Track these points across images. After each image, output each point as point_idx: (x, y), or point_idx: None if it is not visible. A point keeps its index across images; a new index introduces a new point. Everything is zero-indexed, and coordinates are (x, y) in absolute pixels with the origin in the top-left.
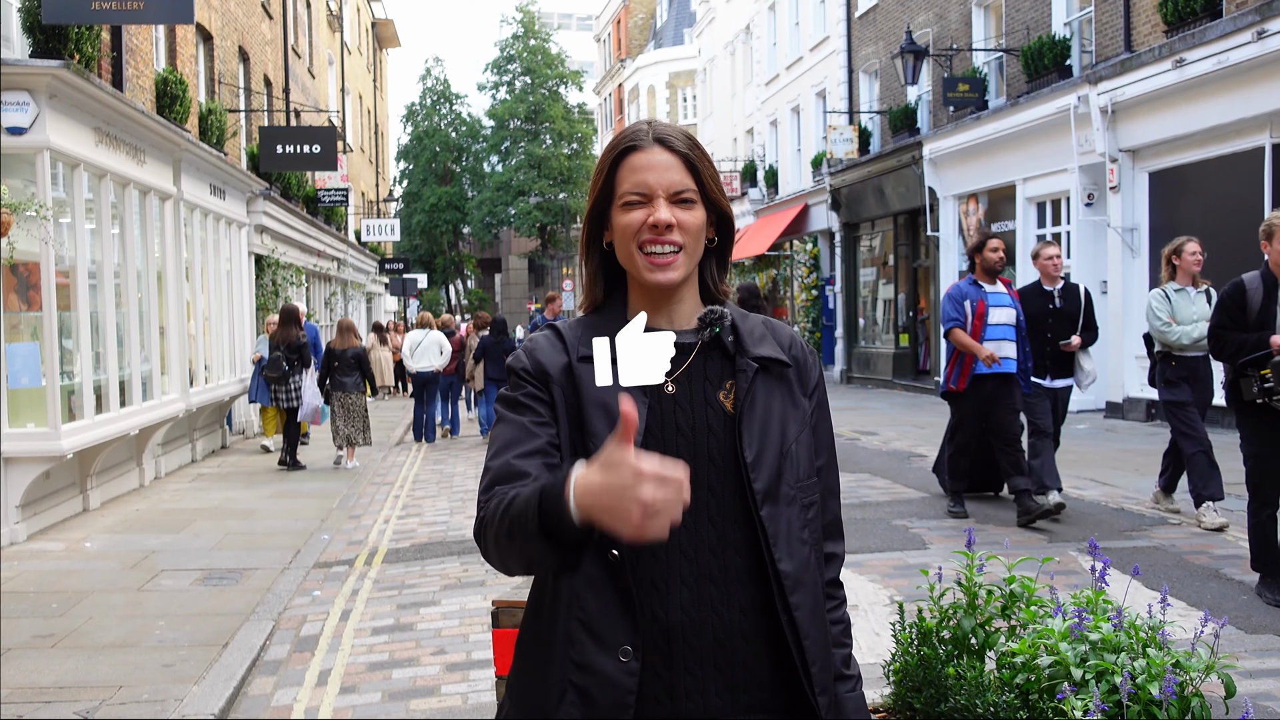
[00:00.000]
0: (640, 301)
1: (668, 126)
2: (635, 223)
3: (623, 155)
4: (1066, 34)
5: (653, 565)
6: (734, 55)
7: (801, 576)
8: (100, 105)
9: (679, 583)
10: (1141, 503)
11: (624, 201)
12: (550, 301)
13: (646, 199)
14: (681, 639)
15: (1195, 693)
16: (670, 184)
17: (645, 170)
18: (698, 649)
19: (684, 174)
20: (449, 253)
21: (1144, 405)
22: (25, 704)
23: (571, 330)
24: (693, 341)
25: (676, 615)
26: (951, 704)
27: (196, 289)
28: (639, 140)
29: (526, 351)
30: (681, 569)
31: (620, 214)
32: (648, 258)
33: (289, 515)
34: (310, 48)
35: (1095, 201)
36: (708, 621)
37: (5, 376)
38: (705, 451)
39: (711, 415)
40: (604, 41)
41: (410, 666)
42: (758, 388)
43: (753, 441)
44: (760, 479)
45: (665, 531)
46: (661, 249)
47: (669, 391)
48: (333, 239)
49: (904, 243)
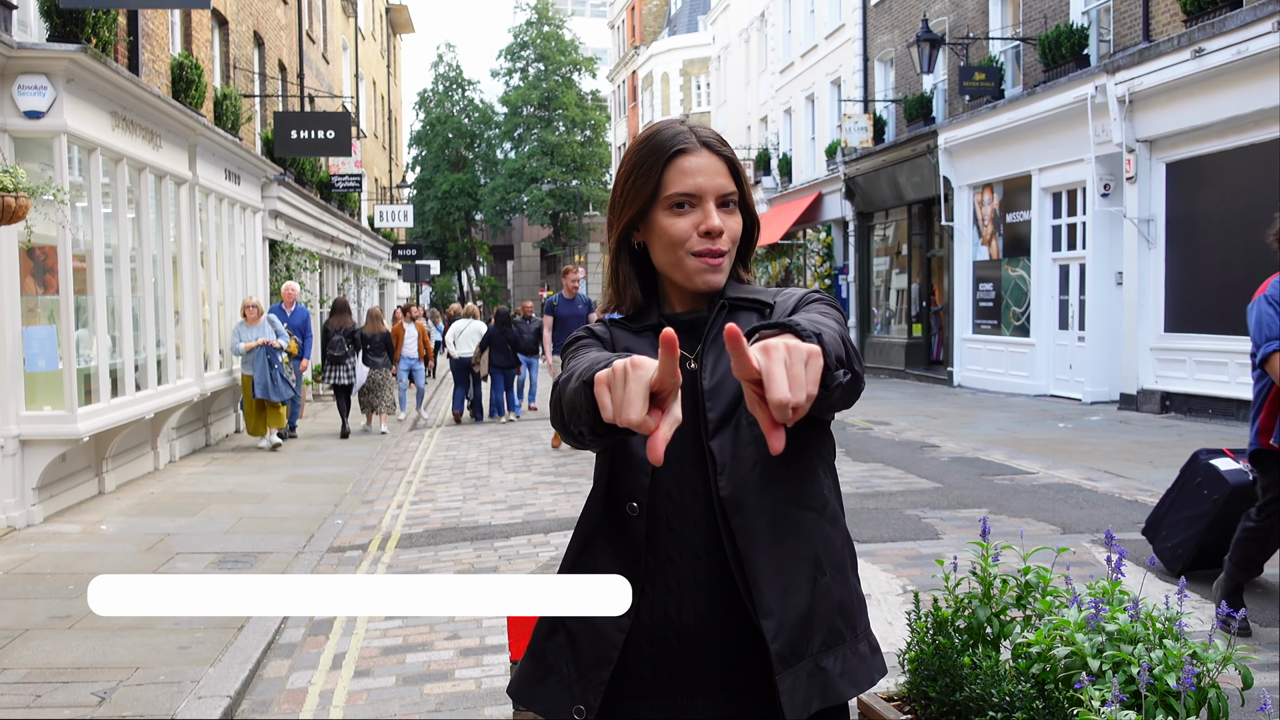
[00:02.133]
0: (676, 298)
1: (704, 129)
2: (685, 228)
3: (672, 158)
4: (1084, 23)
5: (666, 536)
6: (748, 43)
7: (739, 498)
8: (117, 90)
9: (663, 559)
10: (1155, 495)
11: (672, 204)
12: (565, 275)
13: (695, 204)
14: (664, 618)
15: (1212, 684)
16: (719, 189)
17: (696, 174)
18: (679, 627)
19: (729, 179)
20: (461, 239)
21: (1158, 397)
22: (43, 684)
23: (605, 328)
24: (707, 315)
25: (665, 597)
26: (967, 693)
27: (211, 274)
28: (687, 143)
29: (583, 329)
30: (667, 542)
31: (666, 216)
32: (700, 259)
33: (302, 500)
34: (324, 33)
35: (1111, 192)
36: (689, 595)
37: (23, 359)
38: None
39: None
40: (618, 28)
41: (424, 651)
42: (723, 322)
43: (712, 369)
44: (715, 408)
45: (638, 424)
46: (714, 256)
47: (691, 368)
48: (346, 225)
49: (918, 232)
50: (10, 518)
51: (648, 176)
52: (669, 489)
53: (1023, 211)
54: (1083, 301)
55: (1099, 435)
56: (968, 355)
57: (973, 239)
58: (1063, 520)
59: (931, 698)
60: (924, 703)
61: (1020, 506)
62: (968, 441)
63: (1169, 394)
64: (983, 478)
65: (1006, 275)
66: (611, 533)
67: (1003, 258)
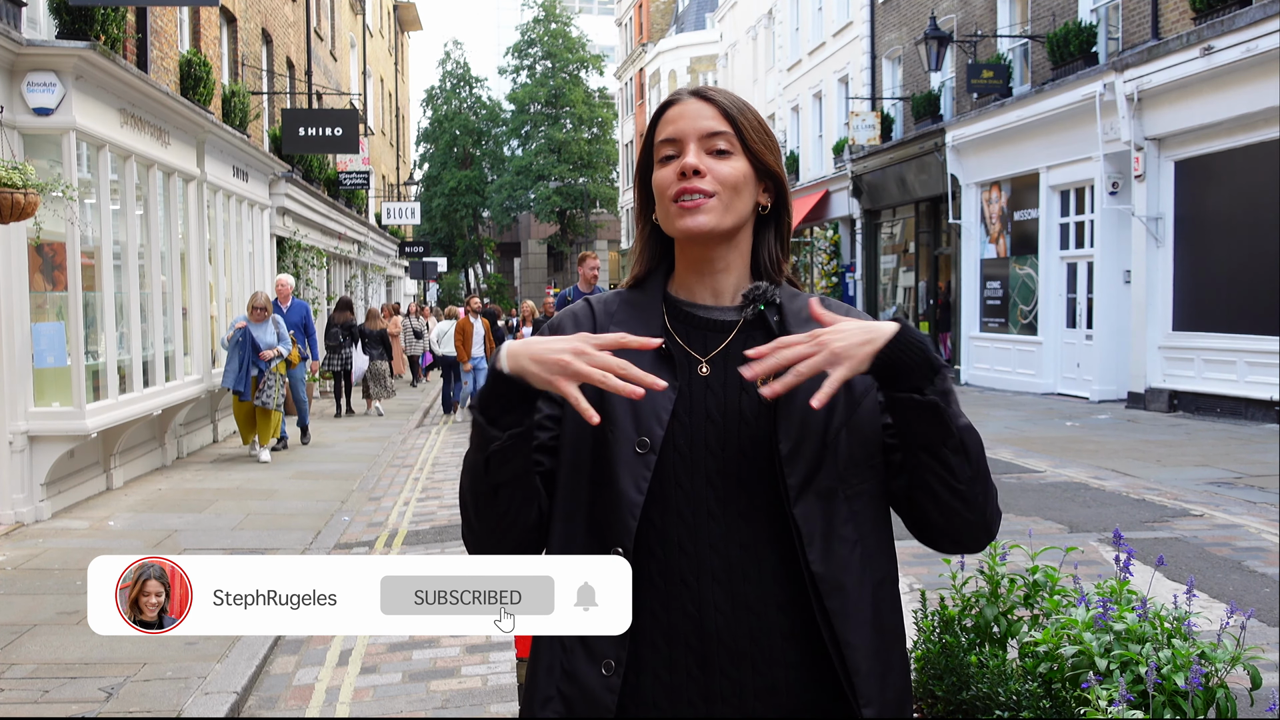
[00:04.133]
0: (685, 271)
1: (715, 88)
2: (668, 175)
3: (660, 113)
4: (1093, 20)
5: (681, 560)
6: (756, 40)
7: (840, 579)
8: (125, 87)
9: (710, 579)
10: (1163, 494)
11: (660, 156)
12: (582, 262)
13: (679, 150)
14: (716, 639)
15: (1221, 684)
16: (701, 129)
17: (678, 119)
18: (734, 650)
19: (718, 120)
20: (468, 237)
21: (1166, 396)
22: (51, 679)
23: (605, 307)
24: (734, 319)
25: (711, 614)
26: (974, 692)
27: (219, 270)
28: (677, 96)
29: (554, 322)
30: (713, 565)
31: (656, 171)
32: (678, 203)
33: (309, 496)
34: (333, 30)
35: (1120, 190)
36: (744, 621)
37: (31, 356)
38: (736, 441)
39: (746, 402)
40: (625, 26)
41: (430, 648)
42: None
43: (790, 431)
44: (795, 474)
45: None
46: (690, 196)
47: (703, 374)
48: (353, 222)
49: (925, 230)
50: (19, 513)
51: (645, 140)
52: (681, 540)
53: (1030, 209)
54: (1090, 300)
55: (1107, 434)
56: (975, 353)
57: (980, 237)
58: (1070, 519)
59: (938, 696)
60: (930, 701)
61: (1027, 505)
62: None
63: (1177, 393)
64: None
65: (1014, 273)
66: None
67: (1010, 256)
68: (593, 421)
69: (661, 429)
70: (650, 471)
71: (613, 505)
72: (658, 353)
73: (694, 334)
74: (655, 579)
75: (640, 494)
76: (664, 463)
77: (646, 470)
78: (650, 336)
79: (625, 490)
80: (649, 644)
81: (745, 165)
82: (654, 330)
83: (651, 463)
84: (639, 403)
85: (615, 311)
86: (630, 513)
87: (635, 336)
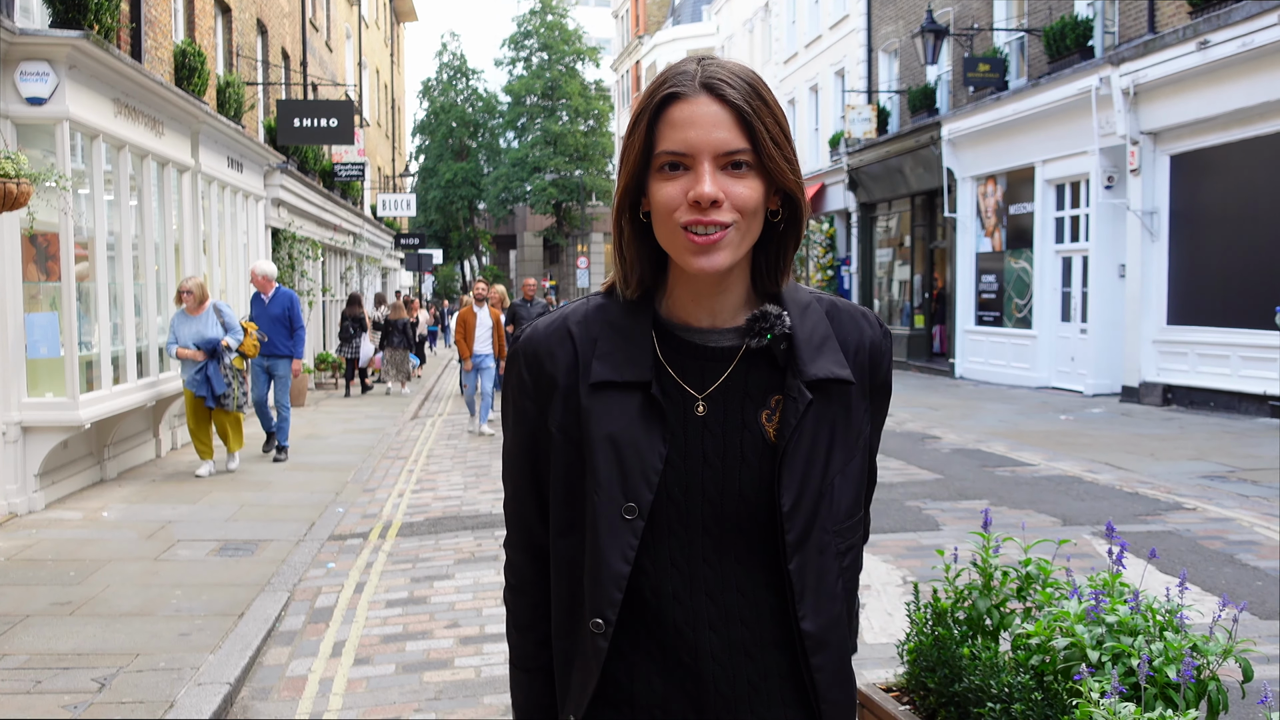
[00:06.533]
0: (681, 290)
1: (721, 67)
2: (673, 194)
3: (662, 105)
4: (1089, 14)
5: (675, 609)
6: (752, 33)
7: (827, 637)
8: (119, 76)
9: (707, 628)
10: (1156, 487)
11: (663, 164)
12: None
13: (690, 164)
14: (714, 688)
15: (1213, 676)
16: (718, 145)
17: (687, 126)
18: (731, 698)
19: (735, 132)
20: (464, 229)
21: (1159, 390)
22: (44, 670)
23: (585, 331)
24: (734, 344)
25: (708, 664)
26: (966, 684)
27: (214, 261)
28: (682, 86)
29: (529, 350)
30: (710, 614)
31: (657, 180)
32: (689, 236)
33: (303, 488)
34: (328, 21)
35: (1115, 184)
36: (742, 667)
37: (25, 346)
38: (735, 485)
39: (747, 442)
40: (622, 18)
41: (424, 639)
42: (808, 420)
43: (793, 484)
44: (794, 529)
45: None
46: (705, 229)
47: (699, 413)
48: (349, 213)
49: (921, 223)
50: (12, 504)
51: (640, 131)
52: (676, 589)
53: (1026, 203)
54: (1085, 294)
55: (1100, 427)
56: (970, 347)
57: (976, 231)
58: (1064, 512)
59: (930, 689)
60: (923, 693)
61: (1021, 498)
62: (969, 433)
63: (1171, 386)
64: (984, 469)
65: (1009, 267)
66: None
67: (1005, 250)
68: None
69: (651, 492)
70: (638, 539)
71: (596, 573)
72: (646, 398)
73: (690, 365)
74: (650, 628)
75: (627, 564)
76: (656, 515)
77: (634, 538)
78: (640, 369)
79: (609, 561)
80: (645, 689)
81: (759, 183)
82: (644, 362)
83: (639, 529)
84: (626, 457)
85: (598, 338)
86: (615, 585)
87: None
